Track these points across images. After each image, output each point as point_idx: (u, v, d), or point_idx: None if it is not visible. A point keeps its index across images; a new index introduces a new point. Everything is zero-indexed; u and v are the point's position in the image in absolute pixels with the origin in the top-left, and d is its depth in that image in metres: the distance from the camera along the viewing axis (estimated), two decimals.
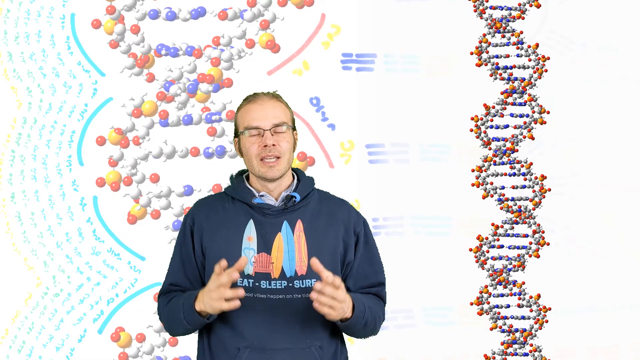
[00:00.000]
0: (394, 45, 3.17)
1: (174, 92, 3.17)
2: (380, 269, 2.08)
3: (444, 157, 3.17)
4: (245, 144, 1.98)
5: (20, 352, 3.15)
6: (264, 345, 1.90)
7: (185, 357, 3.13)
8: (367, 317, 1.95)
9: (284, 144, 1.96)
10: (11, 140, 3.18)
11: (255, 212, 1.97)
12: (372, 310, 1.98)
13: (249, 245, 1.94)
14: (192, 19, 3.19)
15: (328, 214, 2.00)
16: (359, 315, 1.92)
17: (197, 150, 3.18)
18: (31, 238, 3.17)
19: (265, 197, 1.99)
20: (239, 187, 2.02)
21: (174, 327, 1.99)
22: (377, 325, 2.03)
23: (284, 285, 1.92)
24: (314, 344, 1.94)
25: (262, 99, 2.00)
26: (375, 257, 2.08)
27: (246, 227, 1.95)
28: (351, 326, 1.92)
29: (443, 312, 3.16)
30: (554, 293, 3.12)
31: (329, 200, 2.06)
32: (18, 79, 3.18)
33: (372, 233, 2.10)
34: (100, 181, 3.17)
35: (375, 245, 2.09)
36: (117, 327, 3.15)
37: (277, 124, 1.97)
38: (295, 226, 1.96)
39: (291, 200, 1.98)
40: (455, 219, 3.17)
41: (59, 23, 3.18)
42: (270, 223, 1.96)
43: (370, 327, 1.99)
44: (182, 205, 3.17)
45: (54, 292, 3.16)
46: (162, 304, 2.03)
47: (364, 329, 1.96)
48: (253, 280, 1.91)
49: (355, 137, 3.18)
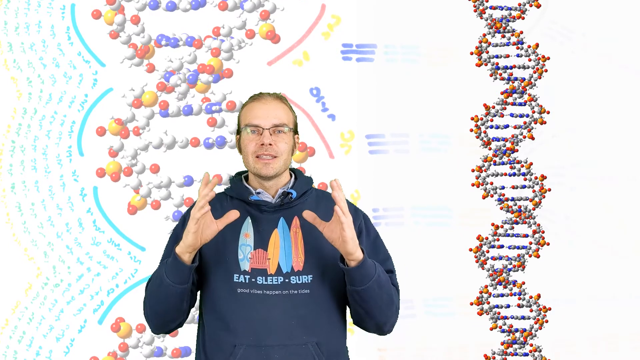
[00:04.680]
0: (394, 36, 3.17)
1: (174, 83, 3.17)
2: (388, 258, 2.07)
3: (444, 148, 3.17)
4: (244, 141, 1.99)
5: (21, 342, 3.15)
6: (259, 341, 1.89)
7: (186, 347, 3.14)
8: (380, 274, 1.90)
9: (282, 144, 1.97)
10: (11, 131, 3.18)
11: (252, 208, 1.98)
12: (383, 274, 1.94)
13: (246, 242, 1.94)
14: (192, 9, 3.19)
15: (326, 210, 1.99)
16: (370, 263, 1.88)
17: (197, 140, 3.18)
18: (31, 228, 3.17)
19: (262, 194, 1.99)
20: (236, 185, 2.04)
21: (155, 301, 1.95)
22: (393, 299, 1.97)
23: (280, 281, 1.92)
24: (310, 341, 1.93)
25: (266, 98, 2.01)
26: (380, 248, 2.06)
27: (243, 223, 1.96)
28: (365, 275, 1.86)
29: (443, 302, 3.16)
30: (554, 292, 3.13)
31: (327, 199, 2.05)
32: (18, 70, 3.18)
33: (373, 226, 2.09)
34: (101, 172, 3.17)
35: (379, 236, 2.08)
36: (117, 318, 3.15)
37: (277, 125, 1.97)
38: (292, 222, 1.97)
39: (287, 197, 1.98)
40: (455, 210, 3.17)
41: (59, 13, 3.18)
42: (266, 219, 1.96)
43: (386, 290, 1.93)
44: (182, 196, 3.17)
45: (54, 283, 3.16)
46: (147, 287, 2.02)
47: (379, 288, 1.90)
48: (249, 276, 1.91)
49: (356, 128, 3.18)
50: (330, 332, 1.98)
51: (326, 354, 1.95)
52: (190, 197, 3.16)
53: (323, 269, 1.94)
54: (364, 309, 1.95)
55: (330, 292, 1.96)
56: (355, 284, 1.89)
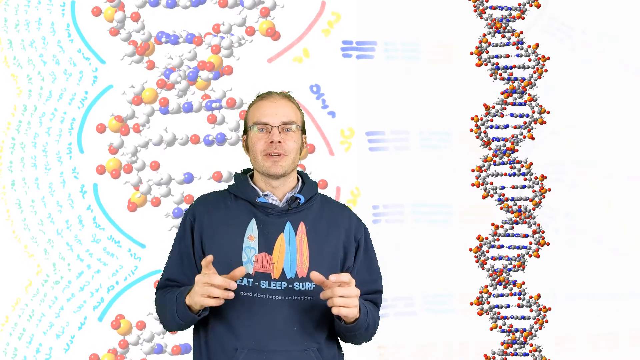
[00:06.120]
0: (394, 33, 3.17)
1: (174, 80, 3.17)
2: (378, 277, 2.08)
3: (444, 145, 3.17)
4: (252, 139, 1.97)
5: (21, 339, 3.15)
6: (261, 346, 1.89)
7: (186, 344, 3.13)
8: (369, 320, 1.94)
9: (291, 143, 1.95)
10: (11, 128, 3.18)
11: (258, 211, 1.96)
12: (372, 315, 1.98)
13: (250, 245, 1.93)
14: (192, 6, 3.18)
15: (329, 218, 1.99)
16: (363, 317, 1.91)
17: (197, 137, 3.18)
18: (31, 225, 3.17)
19: (270, 197, 1.98)
20: (242, 185, 2.01)
21: (168, 322, 1.98)
22: (375, 331, 2.03)
23: (283, 287, 1.91)
24: (311, 346, 1.93)
25: (274, 97, 2.00)
26: (374, 265, 2.07)
27: (248, 226, 1.94)
28: (357, 328, 1.90)
29: (443, 299, 3.16)
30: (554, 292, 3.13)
31: (331, 205, 2.06)
32: (18, 67, 3.18)
33: (371, 240, 2.09)
34: (101, 169, 3.17)
35: (374, 252, 2.08)
36: (117, 315, 3.15)
37: (286, 122, 1.96)
38: (298, 228, 1.95)
39: (295, 202, 1.97)
40: (455, 207, 3.17)
41: (59, 10, 3.18)
42: (272, 223, 1.95)
43: (371, 330, 1.99)
44: (182, 193, 3.17)
45: (54, 280, 3.16)
46: (158, 298, 2.03)
47: (366, 332, 1.96)
48: (253, 279, 1.90)
49: (356, 125, 3.18)
50: (329, 337, 1.99)
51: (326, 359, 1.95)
52: (190, 194, 3.16)
53: (326, 277, 1.93)
54: (347, 339, 2.01)
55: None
56: (345, 330, 1.92)
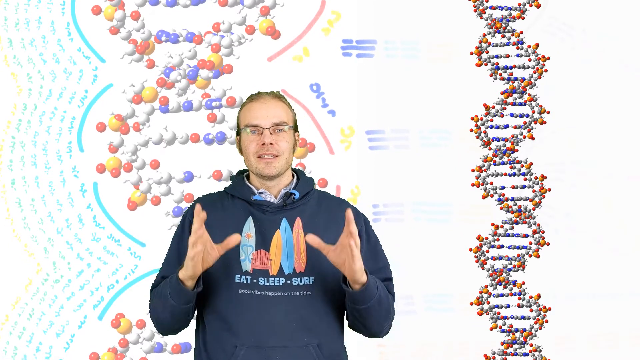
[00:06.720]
0: (394, 31, 3.16)
1: (174, 79, 3.17)
2: (386, 265, 2.06)
3: (444, 143, 3.17)
4: (245, 142, 1.98)
5: (21, 338, 3.16)
6: (261, 343, 1.89)
7: (186, 343, 3.13)
8: (380, 291, 1.91)
9: (283, 143, 1.96)
10: (11, 127, 3.18)
11: (254, 209, 1.97)
12: (381, 287, 1.94)
13: (248, 242, 1.94)
14: (192, 5, 3.18)
15: (327, 212, 2.00)
16: (372, 281, 1.89)
17: (198, 136, 3.17)
18: (31, 224, 3.17)
19: (265, 194, 1.99)
20: (238, 185, 2.02)
21: (161, 314, 1.96)
22: (389, 311, 1.99)
23: (282, 283, 1.91)
24: (311, 342, 1.92)
25: (264, 98, 2.01)
26: (379, 253, 2.06)
27: (245, 224, 1.95)
28: (368, 295, 1.87)
29: (444, 298, 3.16)
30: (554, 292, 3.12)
31: (329, 200, 2.06)
32: (18, 65, 3.18)
33: (373, 230, 2.09)
34: (101, 167, 3.17)
35: (379, 241, 2.08)
36: (117, 314, 3.15)
37: (277, 123, 1.97)
38: (294, 223, 1.96)
39: (290, 198, 1.98)
40: (455, 206, 3.17)
41: (59, 9, 3.18)
42: (269, 220, 1.96)
43: (385, 306, 1.95)
44: (183, 192, 3.17)
45: (54, 279, 3.16)
46: (152, 297, 2.02)
47: (379, 306, 1.92)
48: (251, 277, 1.91)
49: (356, 123, 3.17)
50: (330, 333, 1.98)
51: (326, 355, 1.94)
52: (190, 193, 3.16)
53: (324, 271, 1.94)
54: (362, 323, 1.97)
55: (331, 294, 1.96)
56: (357, 303, 1.90)
